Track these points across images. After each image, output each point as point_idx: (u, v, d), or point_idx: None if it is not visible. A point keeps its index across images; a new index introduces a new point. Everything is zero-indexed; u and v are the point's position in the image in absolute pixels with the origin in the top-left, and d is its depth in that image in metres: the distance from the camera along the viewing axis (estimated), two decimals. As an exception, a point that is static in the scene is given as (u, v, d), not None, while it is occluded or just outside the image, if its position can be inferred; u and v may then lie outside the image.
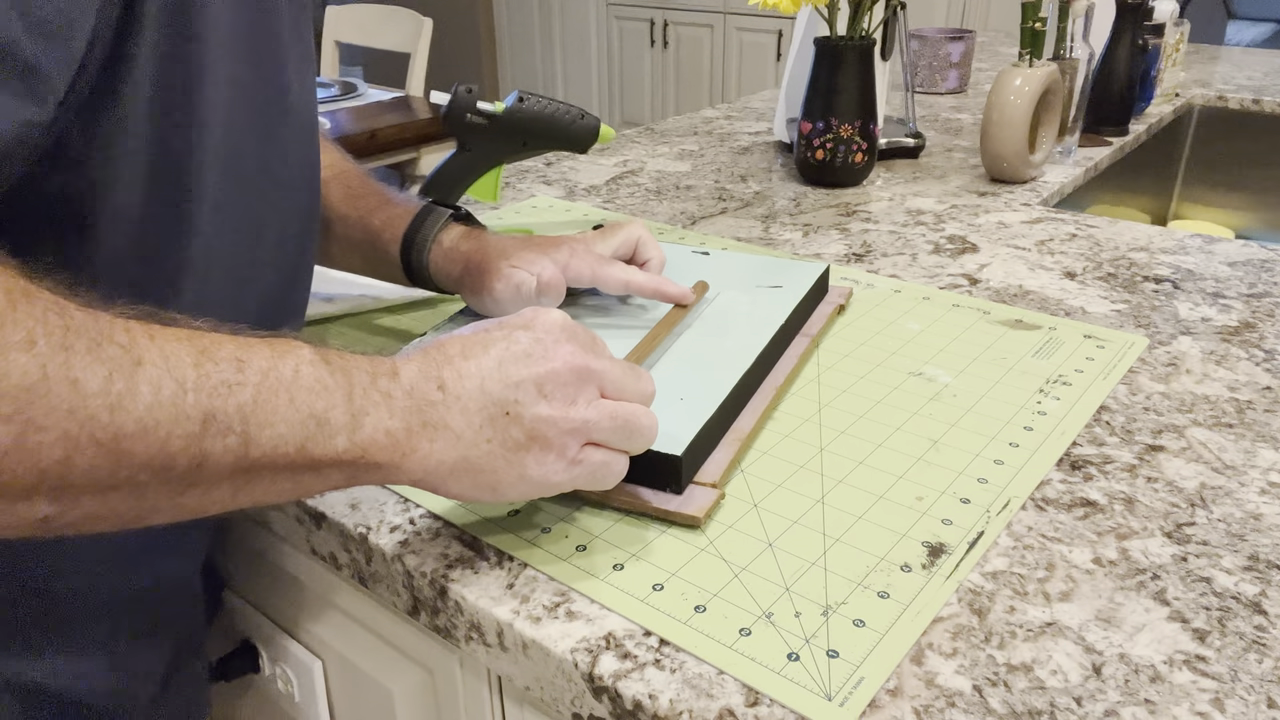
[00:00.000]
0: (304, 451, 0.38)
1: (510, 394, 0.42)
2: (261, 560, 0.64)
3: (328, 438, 0.38)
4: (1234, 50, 1.96)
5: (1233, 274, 0.82)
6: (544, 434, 0.43)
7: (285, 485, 0.39)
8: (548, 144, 0.82)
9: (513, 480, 0.43)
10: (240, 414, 0.36)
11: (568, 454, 0.43)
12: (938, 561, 0.46)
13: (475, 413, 0.42)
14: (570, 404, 0.43)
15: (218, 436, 0.35)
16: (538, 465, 0.43)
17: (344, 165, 0.70)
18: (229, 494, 0.38)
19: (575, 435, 0.43)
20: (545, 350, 0.44)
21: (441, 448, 0.41)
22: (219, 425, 0.35)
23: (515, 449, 0.42)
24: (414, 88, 2.42)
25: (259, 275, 0.53)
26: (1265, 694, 0.39)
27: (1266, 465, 0.54)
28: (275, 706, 0.68)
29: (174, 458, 0.35)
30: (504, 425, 0.42)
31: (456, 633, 0.47)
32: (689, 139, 1.29)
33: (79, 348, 0.32)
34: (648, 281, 0.64)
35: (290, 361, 0.38)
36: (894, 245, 0.89)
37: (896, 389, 0.62)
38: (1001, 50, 1.92)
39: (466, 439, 0.42)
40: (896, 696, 0.39)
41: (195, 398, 0.35)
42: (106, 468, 0.33)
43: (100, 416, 0.32)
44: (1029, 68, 1.02)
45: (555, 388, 0.43)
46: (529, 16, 4.14)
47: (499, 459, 0.42)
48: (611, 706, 0.41)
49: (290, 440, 0.37)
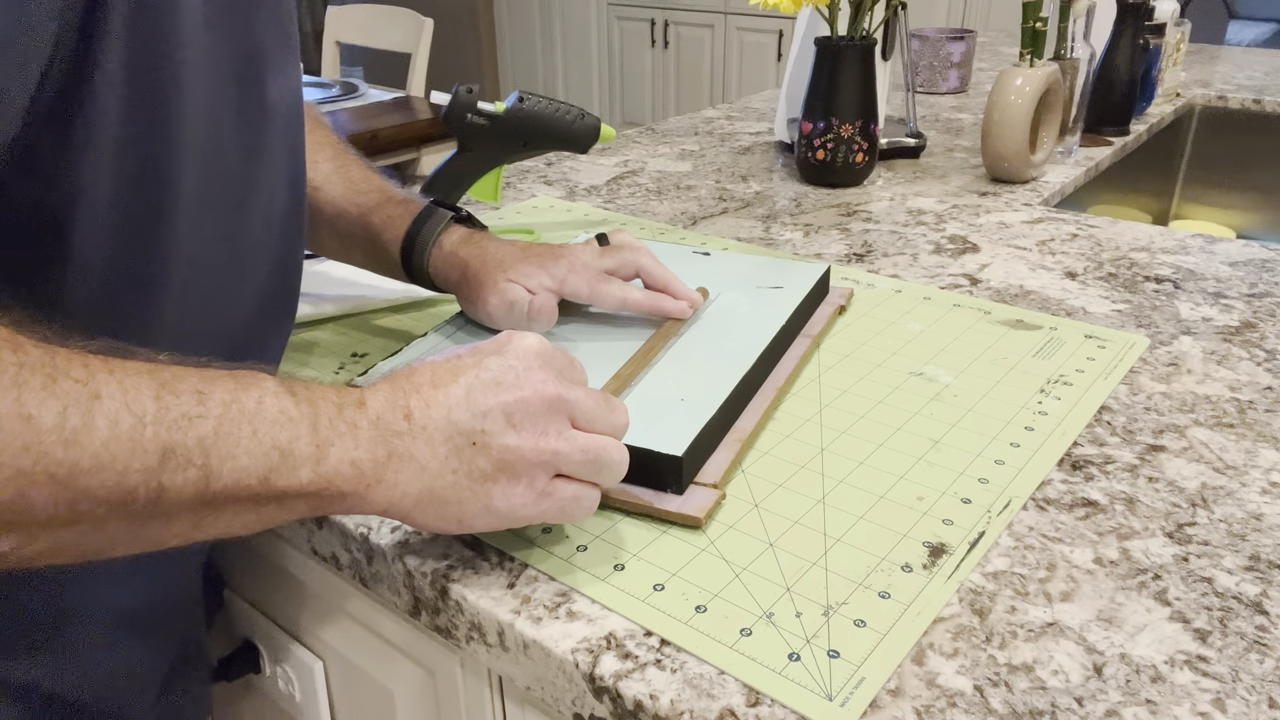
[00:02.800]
0: (267, 483, 0.38)
1: (478, 423, 0.41)
2: (262, 560, 0.64)
3: (291, 469, 0.38)
4: (1235, 50, 1.96)
5: (1234, 274, 0.82)
6: (511, 464, 0.42)
7: (249, 517, 0.39)
8: (548, 144, 0.82)
9: (478, 511, 0.42)
10: (201, 446, 0.36)
11: (536, 485, 0.43)
12: (939, 562, 0.46)
13: (441, 443, 0.41)
14: (540, 434, 0.42)
15: (177, 470, 0.35)
16: (504, 497, 0.42)
17: (346, 158, 0.70)
18: (190, 526, 0.37)
19: (544, 467, 0.42)
20: (516, 378, 0.43)
21: (407, 478, 0.41)
22: (179, 458, 0.35)
23: (482, 480, 0.42)
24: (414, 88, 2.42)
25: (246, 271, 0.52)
26: (1266, 694, 0.39)
27: (1268, 465, 0.54)
28: (276, 706, 0.68)
29: (132, 492, 0.34)
30: (470, 456, 0.41)
31: (457, 633, 0.47)
32: (689, 139, 1.29)
33: (33, 384, 0.32)
34: (644, 299, 0.64)
35: (254, 393, 0.38)
36: (895, 245, 0.89)
37: (897, 389, 0.62)
38: (1002, 50, 1.92)
39: (432, 470, 0.41)
40: (897, 697, 0.39)
41: (154, 431, 0.35)
42: (64, 503, 0.33)
43: (55, 453, 0.32)
44: (1030, 68, 1.02)
45: (524, 417, 0.42)
46: (529, 16, 4.14)
47: (465, 490, 0.42)
48: (612, 707, 0.41)
49: (253, 472, 0.37)
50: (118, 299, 0.44)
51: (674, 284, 0.65)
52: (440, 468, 0.41)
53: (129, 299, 0.44)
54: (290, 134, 0.54)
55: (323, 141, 0.69)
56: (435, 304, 0.76)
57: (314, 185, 0.67)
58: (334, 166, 0.68)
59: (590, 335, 0.65)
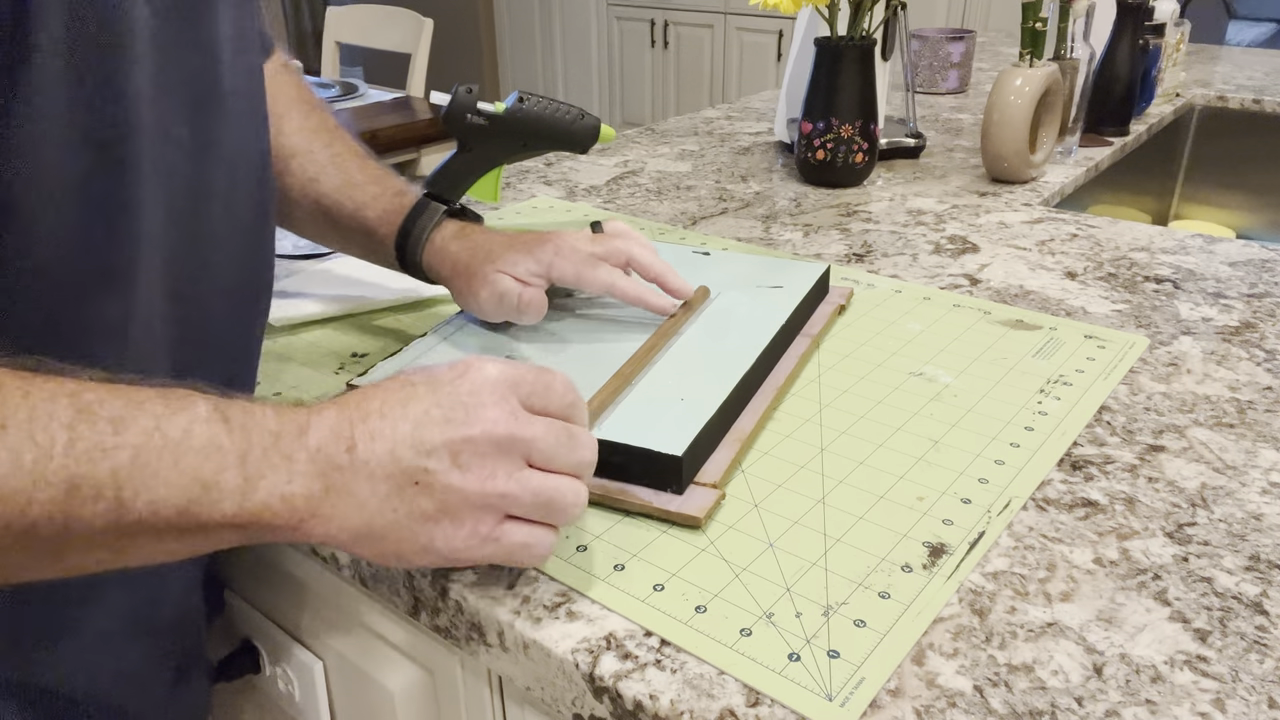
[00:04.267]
0: (188, 514, 0.37)
1: (421, 461, 0.39)
2: (261, 560, 0.64)
3: (214, 502, 0.37)
4: (1234, 50, 1.96)
5: (1233, 274, 0.82)
6: (454, 506, 0.40)
7: (172, 545, 0.38)
8: (548, 144, 0.82)
9: (417, 551, 0.41)
10: (114, 478, 0.35)
11: (480, 530, 0.41)
12: (939, 562, 0.46)
13: (382, 480, 0.39)
14: (487, 477, 0.40)
15: (85, 502, 0.34)
16: (445, 539, 0.40)
17: (342, 147, 0.69)
18: (109, 555, 0.37)
19: (489, 510, 0.41)
20: (466, 415, 0.40)
21: (344, 513, 0.39)
22: (87, 491, 0.34)
23: (423, 520, 0.40)
24: (414, 88, 2.42)
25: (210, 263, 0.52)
26: (1266, 694, 0.39)
27: (1267, 465, 0.54)
28: (275, 706, 0.68)
29: (35, 523, 0.34)
30: (412, 495, 0.40)
31: (457, 633, 0.47)
32: (689, 139, 1.29)
33: None
34: (630, 288, 0.63)
35: (181, 420, 0.37)
36: (894, 245, 0.89)
37: (897, 389, 0.62)
38: (1002, 50, 1.92)
39: (371, 507, 0.39)
40: (897, 697, 0.39)
41: (62, 463, 0.34)
42: None
43: None
44: (1029, 68, 1.02)
45: (471, 457, 0.40)
46: (529, 16, 4.14)
47: (404, 529, 0.40)
48: (612, 707, 0.41)
49: (170, 503, 0.36)
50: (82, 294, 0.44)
51: (666, 276, 0.64)
52: (380, 505, 0.40)
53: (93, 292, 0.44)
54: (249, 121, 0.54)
55: (319, 128, 0.69)
56: (435, 304, 0.76)
57: (310, 177, 0.67)
58: (329, 156, 0.68)
59: (590, 335, 0.65)
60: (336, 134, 0.70)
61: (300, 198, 0.68)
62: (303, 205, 0.68)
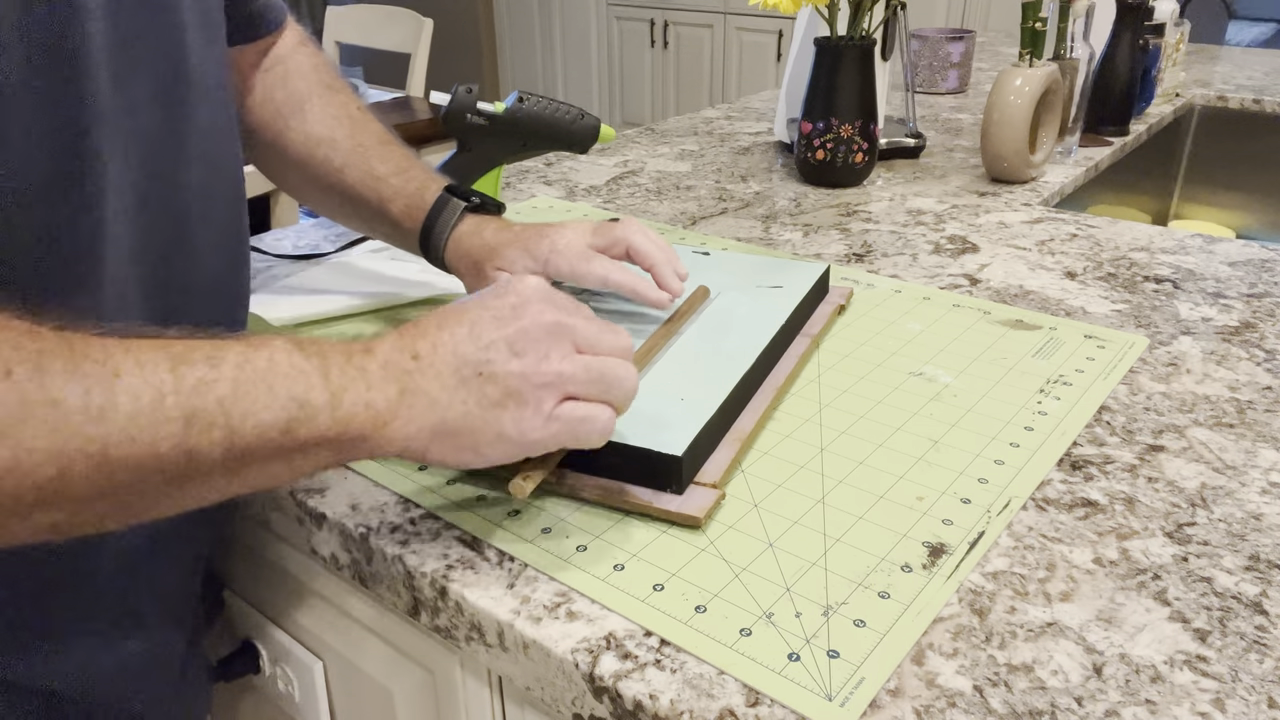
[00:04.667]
0: (289, 434, 0.39)
1: (482, 354, 0.43)
2: (262, 560, 0.64)
3: (309, 418, 0.40)
4: (1234, 50, 1.96)
5: (1233, 274, 0.82)
6: (518, 390, 0.43)
7: (278, 468, 0.40)
8: (548, 144, 0.82)
9: (491, 439, 0.44)
10: (222, 407, 0.37)
11: (544, 409, 0.44)
12: (938, 562, 0.46)
13: (449, 375, 0.43)
14: (543, 358, 0.44)
15: (203, 433, 0.37)
16: (514, 423, 0.43)
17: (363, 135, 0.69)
18: (224, 482, 0.39)
19: (550, 389, 0.44)
20: (516, 312, 0.45)
21: (420, 413, 0.42)
22: (202, 421, 0.37)
23: (491, 407, 0.43)
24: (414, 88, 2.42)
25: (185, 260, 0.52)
26: (1266, 694, 0.39)
27: (1267, 465, 0.54)
28: (275, 706, 0.68)
29: (163, 459, 0.36)
30: (478, 385, 0.43)
31: (457, 633, 0.47)
32: (689, 139, 1.29)
33: (55, 369, 0.34)
34: (625, 280, 0.63)
35: (264, 353, 0.40)
36: (894, 245, 0.89)
37: (897, 389, 0.62)
38: (1002, 50, 1.92)
39: (443, 402, 0.43)
40: (897, 697, 0.39)
41: (175, 399, 0.36)
42: (100, 476, 0.35)
43: (85, 430, 0.34)
44: (1029, 68, 1.02)
45: (527, 344, 0.44)
46: (529, 16, 4.14)
47: (476, 419, 0.43)
48: (612, 707, 0.41)
49: (274, 425, 0.39)
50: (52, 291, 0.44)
51: (659, 267, 0.63)
52: (450, 399, 0.43)
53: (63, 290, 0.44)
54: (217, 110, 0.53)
55: (340, 115, 0.69)
56: (434, 303, 0.76)
57: (335, 167, 0.67)
58: (353, 146, 0.68)
59: None
60: (358, 119, 0.70)
61: (327, 187, 0.69)
62: (330, 194, 0.69)
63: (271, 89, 0.68)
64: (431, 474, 0.54)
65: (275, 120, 0.68)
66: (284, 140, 0.68)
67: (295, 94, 0.68)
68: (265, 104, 0.68)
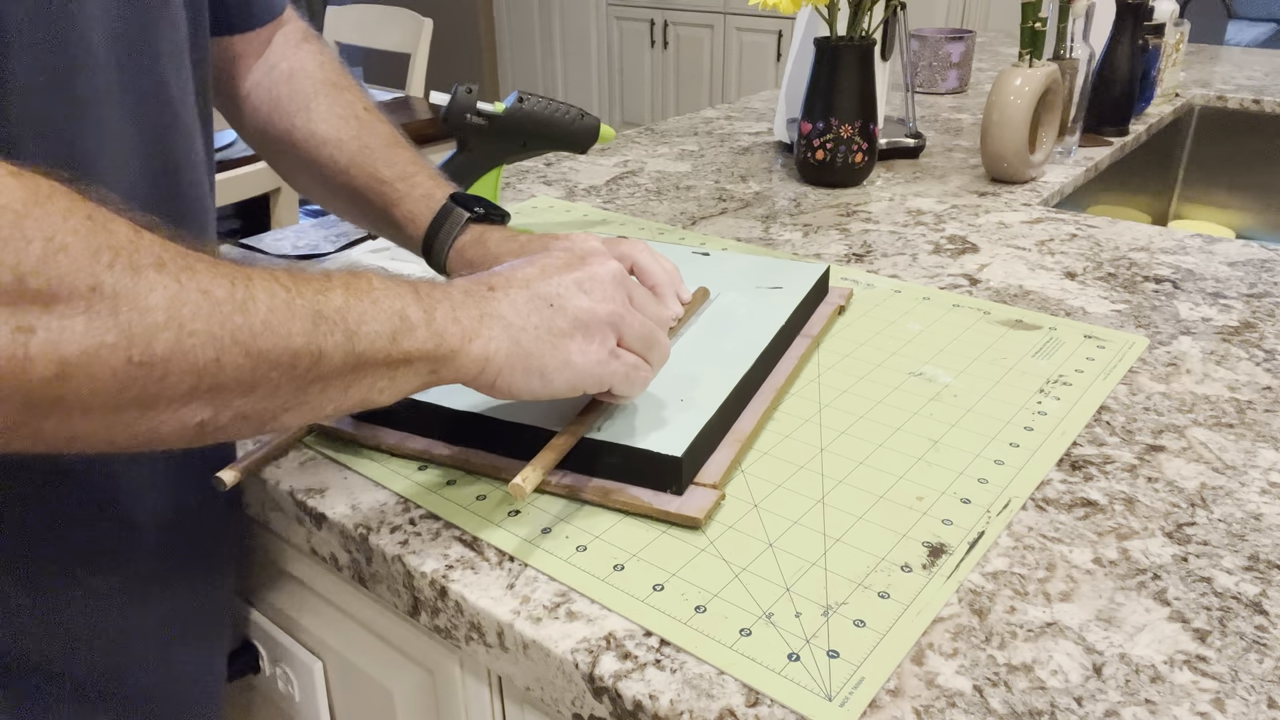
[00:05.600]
0: (396, 344, 0.42)
1: (553, 288, 0.48)
2: (262, 560, 0.64)
3: (411, 330, 0.42)
4: (1234, 50, 1.96)
5: (1233, 274, 0.82)
6: (586, 323, 0.47)
7: (384, 382, 0.43)
8: (548, 144, 0.82)
9: (559, 364, 0.47)
10: (339, 313, 0.40)
11: (607, 344, 0.48)
12: (938, 562, 0.46)
13: (523, 303, 0.47)
14: (607, 299, 0.48)
15: (328, 334, 0.39)
16: (581, 353, 0.47)
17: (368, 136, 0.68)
18: (340, 392, 0.41)
19: (611, 329, 0.48)
20: (584, 259, 0.50)
21: (497, 333, 0.45)
22: (327, 323, 0.39)
23: (560, 335, 0.47)
24: (414, 88, 2.42)
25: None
26: (1266, 694, 0.39)
27: (1267, 465, 0.54)
28: (275, 706, 0.68)
29: (298, 355, 0.38)
30: (549, 315, 0.47)
31: (457, 633, 0.47)
32: (689, 139, 1.29)
33: (200, 268, 0.36)
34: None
35: (364, 277, 0.43)
36: (894, 245, 0.89)
37: (897, 389, 0.62)
38: (1001, 50, 1.92)
39: (517, 325, 0.46)
40: (897, 697, 0.39)
41: (302, 302, 0.39)
42: (248, 366, 0.37)
43: (235, 318, 0.36)
44: (1029, 68, 1.02)
45: (594, 286, 0.48)
46: (529, 16, 4.14)
47: (546, 344, 0.46)
48: (612, 707, 0.41)
49: (384, 334, 0.41)
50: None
51: (663, 287, 0.63)
52: (524, 323, 0.46)
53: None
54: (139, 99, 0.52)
55: (346, 115, 0.69)
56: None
57: (341, 168, 0.68)
58: (358, 148, 0.68)
59: None
60: (365, 120, 0.69)
61: (334, 188, 0.69)
62: (337, 194, 0.69)
63: (276, 86, 0.68)
64: (432, 474, 0.54)
65: (281, 119, 0.68)
66: (290, 140, 0.68)
67: (300, 93, 0.68)
68: (270, 102, 0.68)
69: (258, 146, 0.71)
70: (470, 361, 0.45)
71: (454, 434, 0.55)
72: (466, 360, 0.44)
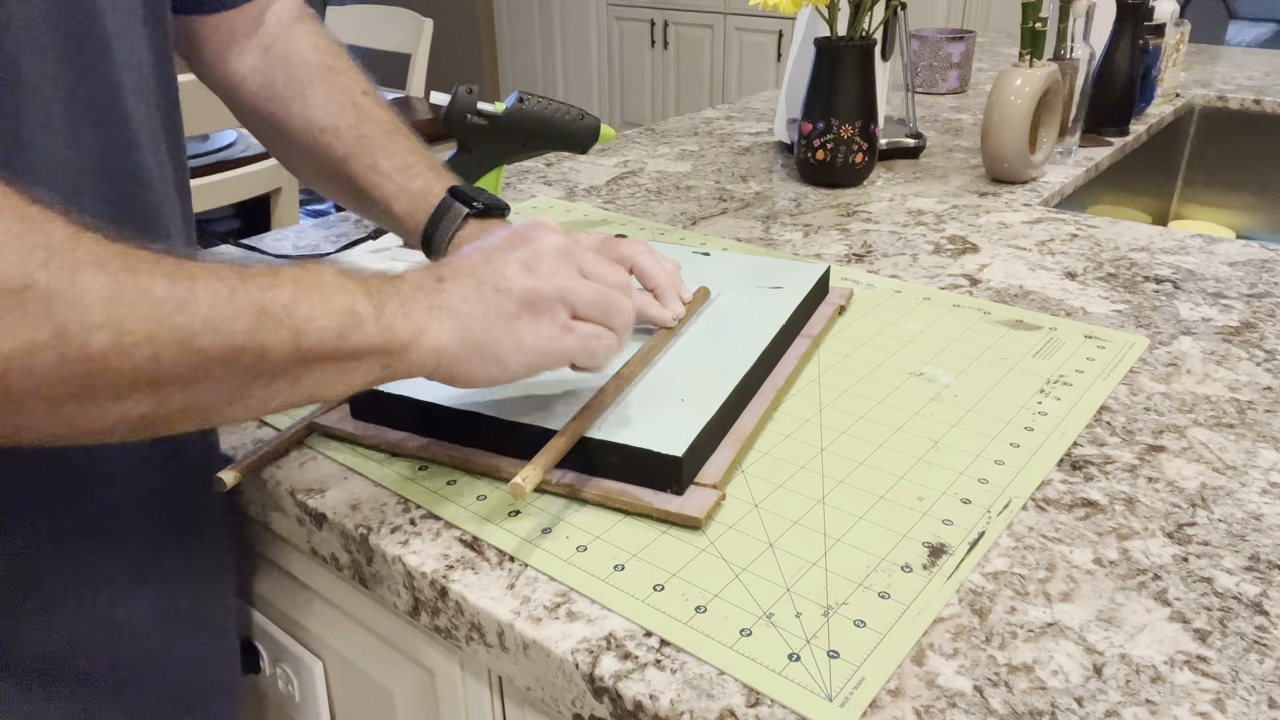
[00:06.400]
0: (344, 339, 0.42)
1: (497, 271, 0.48)
2: (262, 560, 0.64)
3: (359, 326, 0.43)
4: (1234, 50, 1.96)
5: (1233, 274, 0.82)
6: (531, 302, 0.47)
7: (334, 376, 0.43)
8: (548, 144, 0.82)
9: (512, 349, 0.47)
10: (286, 310, 0.40)
11: (558, 320, 0.48)
12: (939, 562, 0.46)
13: (470, 292, 0.47)
14: (553, 274, 0.48)
15: (272, 330, 0.40)
16: (532, 334, 0.47)
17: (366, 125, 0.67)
18: (288, 386, 0.42)
19: (560, 303, 0.48)
20: (527, 236, 0.50)
21: (448, 325, 0.46)
22: (271, 320, 0.40)
23: (509, 318, 0.47)
24: (414, 88, 2.42)
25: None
26: (1266, 694, 0.39)
27: (1267, 465, 0.54)
28: (275, 706, 0.68)
29: (240, 352, 0.39)
30: (496, 300, 0.47)
31: (457, 633, 0.47)
32: (689, 139, 1.29)
33: (142, 268, 0.37)
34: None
35: (313, 271, 0.43)
36: (894, 245, 0.89)
37: (897, 389, 0.62)
38: (1002, 50, 1.92)
39: (464, 313, 0.46)
40: (897, 697, 0.39)
41: (246, 299, 0.39)
42: (187, 363, 0.38)
43: (174, 318, 0.37)
44: (1029, 68, 1.02)
45: (538, 262, 0.48)
46: (529, 16, 4.14)
47: (497, 329, 0.47)
48: (612, 707, 0.41)
49: (330, 330, 0.42)
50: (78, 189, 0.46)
51: (664, 289, 0.63)
52: (472, 311, 0.47)
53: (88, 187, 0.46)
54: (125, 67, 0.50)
55: (344, 102, 0.67)
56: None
57: (339, 157, 0.67)
58: (356, 137, 0.67)
59: None
60: (363, 107, 0.68)
61: (332, 176, 0.68)
62: (336, 182, 0.69)
63: (271, 70, 0.67)
64: (432, 474, 0.54)
65: (277, 104, 0.67)
66: (287, 126, 0.67)
67: (296, 78, 0.67)
68: (265, 86, 0.67)
69: (256, 132, 0.70)
70: (424, 355, 0.45)
71: (454, 433, 0.55)
72: (419, 354, 0.45)
